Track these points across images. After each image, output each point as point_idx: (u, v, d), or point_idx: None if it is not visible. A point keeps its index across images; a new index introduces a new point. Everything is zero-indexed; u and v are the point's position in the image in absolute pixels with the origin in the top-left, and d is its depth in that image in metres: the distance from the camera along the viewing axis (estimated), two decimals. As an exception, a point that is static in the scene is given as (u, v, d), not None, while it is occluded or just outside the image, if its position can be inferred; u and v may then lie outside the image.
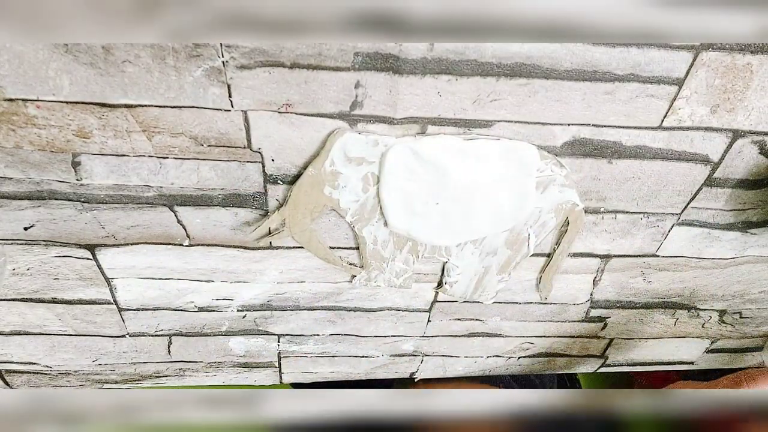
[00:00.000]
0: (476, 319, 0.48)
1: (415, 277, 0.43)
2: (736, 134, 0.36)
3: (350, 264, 0.41)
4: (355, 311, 0.45)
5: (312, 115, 0.32)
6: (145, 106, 0.31)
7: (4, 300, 0.41)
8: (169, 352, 0.48)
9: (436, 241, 0.39)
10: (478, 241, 0.40)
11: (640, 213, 0.40)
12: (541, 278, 0.44)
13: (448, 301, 0.45)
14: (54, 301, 0.42)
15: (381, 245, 0.40)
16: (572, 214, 0.39)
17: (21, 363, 0.46)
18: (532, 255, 0.42)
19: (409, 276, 0.42)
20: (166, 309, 0.44)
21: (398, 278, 0.42)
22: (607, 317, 0.49)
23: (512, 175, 0.36)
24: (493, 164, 0.35)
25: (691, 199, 0.40)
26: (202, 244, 0.39)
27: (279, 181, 0.35)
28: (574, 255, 0.43)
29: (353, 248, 0.40)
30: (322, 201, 0.36)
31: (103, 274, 0.40)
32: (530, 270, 0.43)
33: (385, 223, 0.38)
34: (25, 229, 0.37)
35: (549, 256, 0.42)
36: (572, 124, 0.34)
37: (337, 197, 0.36)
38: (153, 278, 0.41)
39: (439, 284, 0.44)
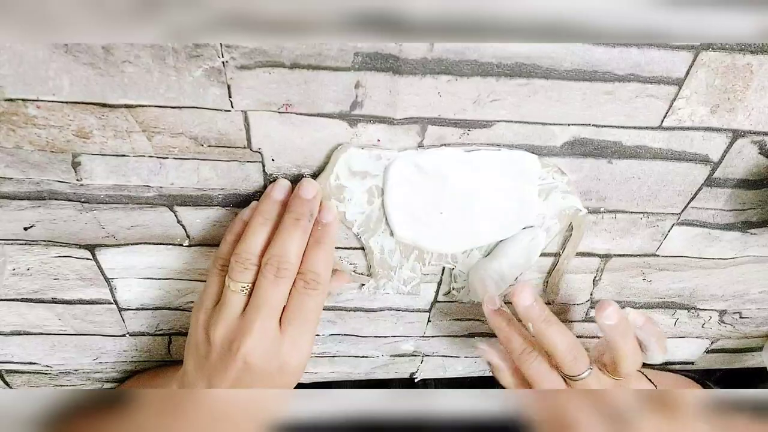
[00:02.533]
0: (476, 319, 0.48)
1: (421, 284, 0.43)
2: (736, 134, 0.36)
3: (359, 273, 0.41)
4: (355, 311, 0.45)
5: (312, 115, 0.32)
6: (145, 106, 0.31)
7: (4, 300, 0.41)
8: (169, 351, 0.48)
9: (442, 249, 0.40)
10: (483, 248, 0.40)
11: (640, 213, 0.40)
12: (548, 283, 0.44)
13: (448, 301, 0.45)
14: (54, 301, 0.42)
15: (388, 254, 0.40)
16: (576, 219, 0.39)
17: (21, 363, 0.46)
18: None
19: (416, 283, 0.42)
20: (166, 309, 0.44)
21: (406, 285, 0.42)
22: (607, 317, 0.49)
23: (514, 184, 0.36)
24: (495, 174, 0.36)
25: (691, 199, 0.40)
26: (202, 244, 0.39)
27: (279, 181, 0.35)
28: (574, 254, 0.43)
29: (353, 248, 0.40)
30: None
31: (103, 274, 0.40)
32: (532, 270, 0.43)
33: (391, 233, 0.38)
34: (25, 229, 0.37)
35: (555, 255, 0.42)
36: (572, 124, 0.34)
37: (343, 210, 0.36)
38: (153, 278, 0.41)
39: (447, 292, 0.44)
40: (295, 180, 0.35)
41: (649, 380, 0.43)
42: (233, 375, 0.34)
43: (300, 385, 0.38)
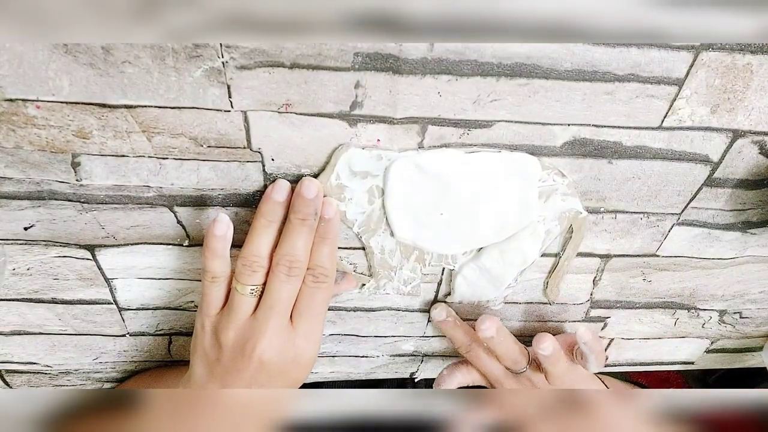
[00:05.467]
0: (476, 320, 0.47)
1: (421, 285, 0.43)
2: (736, 134, 0.36)
3: (359, 273, 0.41)
4: (355, 311, 0.45)
5: (312, 115, 0.32)
6: (145, 106, 0.31)
7: (4, 300, 0.41)
8: (169, 351, 0.48)
9: (442, 250, 0.40)
10: (483, 249, 0.40)
11: (640, 213, 0.40)
12: (548, 283, 0.44)
13: (448, 302, 0.45)
14: (54, 301, 0.42)
15: (388, 254, 0.40)
16: (576, 221, 0.39)
17: (21, 363, 0.46)
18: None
19: (416, 284, 0.42)
20: (166, 309, 0.44)
21: (406, 286, 0.42)
22: (607, 317, 0.49)
23: (514, 186, 0.36)
24: (495, 176, 0.36)
25: (691, 199, 0.40)
26: (201, 244, 0.39)
27: (279, 181, 0.35)
28: (575, 255, 0.43)
29: (353, 248, 0.40)
30: None
31: (103, 274, 0.40)
32: (533, 270, 0.43)
33: (392, 233, 0.38)
34: (25, 229, 0.37)
35: (556, 256, 0.42)
36: (572, 124, 0.34)
37: (344, 209, 0.36)
38: (153, 278, 0.41)
39: (448, 293, 0.44)
40: (296, 180, 0.35)
41: (602, 381, 0.48)
42: (248, 375, 0.35)
43: (301, 385, 0.38)
